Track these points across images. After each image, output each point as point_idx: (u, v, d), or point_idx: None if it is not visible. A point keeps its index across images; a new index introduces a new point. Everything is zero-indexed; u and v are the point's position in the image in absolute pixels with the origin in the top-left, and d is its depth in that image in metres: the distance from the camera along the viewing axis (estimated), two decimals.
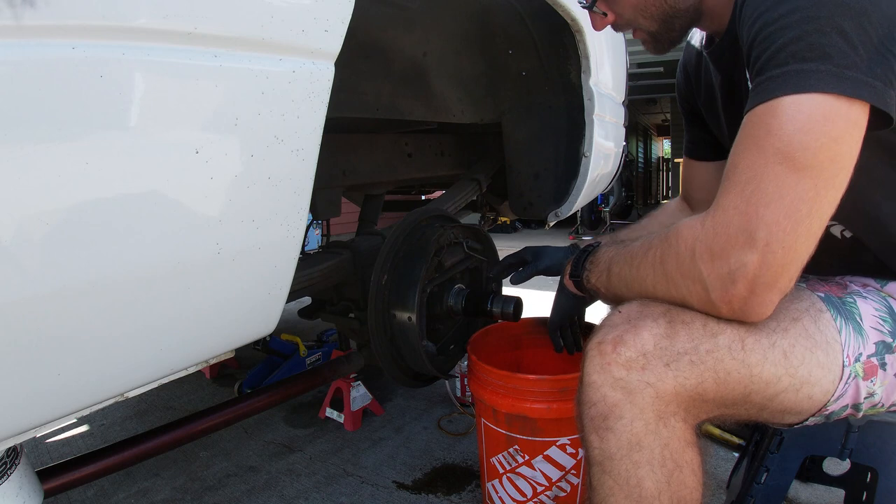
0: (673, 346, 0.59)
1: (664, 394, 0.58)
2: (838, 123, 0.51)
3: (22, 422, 0.47)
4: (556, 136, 1.51)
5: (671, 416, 0.59)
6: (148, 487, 1.38)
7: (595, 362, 0.61)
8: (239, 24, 0.51)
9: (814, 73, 0.50)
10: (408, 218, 1.19)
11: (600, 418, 0.60)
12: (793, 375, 0.60)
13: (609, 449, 0.59)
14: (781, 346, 0.60)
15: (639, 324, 0.61)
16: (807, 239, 0.53)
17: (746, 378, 0.59)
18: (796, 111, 0.51)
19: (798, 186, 0.51)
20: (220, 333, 0.62)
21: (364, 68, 1.11)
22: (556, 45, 1.39)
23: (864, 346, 0.63)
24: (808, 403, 0.62)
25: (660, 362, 0.59)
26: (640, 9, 0.76)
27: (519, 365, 1.31)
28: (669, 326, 0.60)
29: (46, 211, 0.41)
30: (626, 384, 0.59)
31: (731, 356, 0.59)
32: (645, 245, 0.67)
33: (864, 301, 0.67)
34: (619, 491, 0.59)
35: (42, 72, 0.39)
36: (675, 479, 0.59)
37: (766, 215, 0.52)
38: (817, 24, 0.51)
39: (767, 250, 0.52)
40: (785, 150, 0.51)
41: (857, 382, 0.63)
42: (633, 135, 12.35)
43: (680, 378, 0.58)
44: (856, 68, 0.50)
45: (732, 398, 0.60)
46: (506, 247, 6.18)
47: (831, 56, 0.50)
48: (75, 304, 0.45)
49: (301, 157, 0.60)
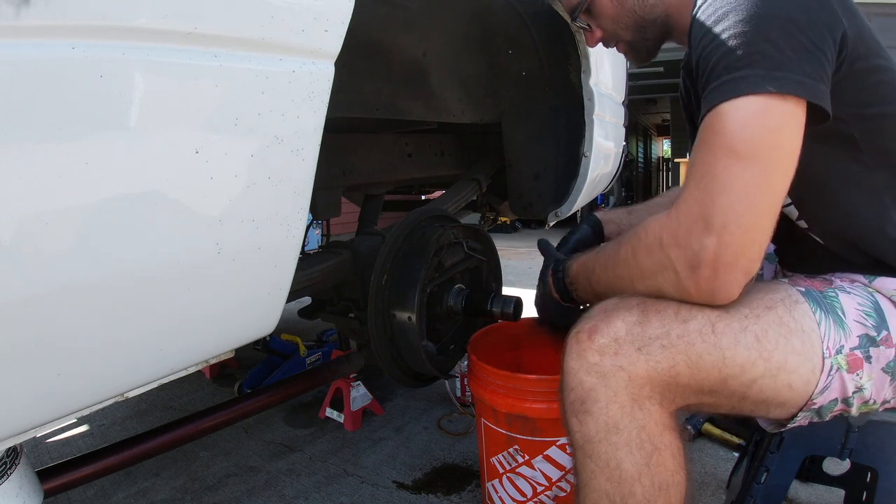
0: (644, 332, 0.63)
1: (637, 377, 0.61)
2: (774, 115, 0.57)
3: (22, 422, 0.47)
4: (556, 136, 1.51)
5: (646, 400, 0.62)
6: (148, 487, 1.38)
7: (572, 350, 0.65)
8: (239, 24, 0.51)
9: (745, 79, 0.57)
10: (408, 218, 1.19)
11: (578, 402, 0.63)
12: (767, 360, 0.62)
13: (588, 432, 0.62)
14: (753, 330, 0.63)
15: (613, 313, 0.65)
16: (761, 219, 0.58)
17: (719, 361, 0.62)
18: (735, 112, 0.58)
19: (745, 173, 0.57)
20: (220, 333, 0.62)
21: (364, 68, 1.11)
22: (556, 45, 1.39)
23: (846, 338, 0.64)
24: (789, 393, 0.63)
25: (631, 347, 0.62)
26: (616, 20, 0.87)
27: (519, 365, 1.31)
28: (642, 314, 0.64)
29: (46, 211, 0.41)
30: (600, 369, 0.62)
31: (701, 339, 0.62)
32: (615, 246, 0.72)
33: (848, 295, 0.68)
34: (600, 473, 0.61)
35: (42, 72, 0.39)
36: (654, 460, 0.61)
37: (720, 202, 0.57)
38: (745, 37, 0.59)
39: (725, 232, 0.57)
40: (729, 145, 0.57)
41: (841, 375, 0.63)
42: (632, 135, 12.35)
43: (651, 362, 0.61)
44: (784, 68, 0.57)
45: (709, 384, 0.63)
46: (506, 247, 6.14)
47: (759, 62, 0.57)
48: (75, 304, 0.45)
49: (301, 157, 0.60)
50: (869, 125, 0.67)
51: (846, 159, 0.69)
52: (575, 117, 1.45)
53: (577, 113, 1.44)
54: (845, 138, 0.68)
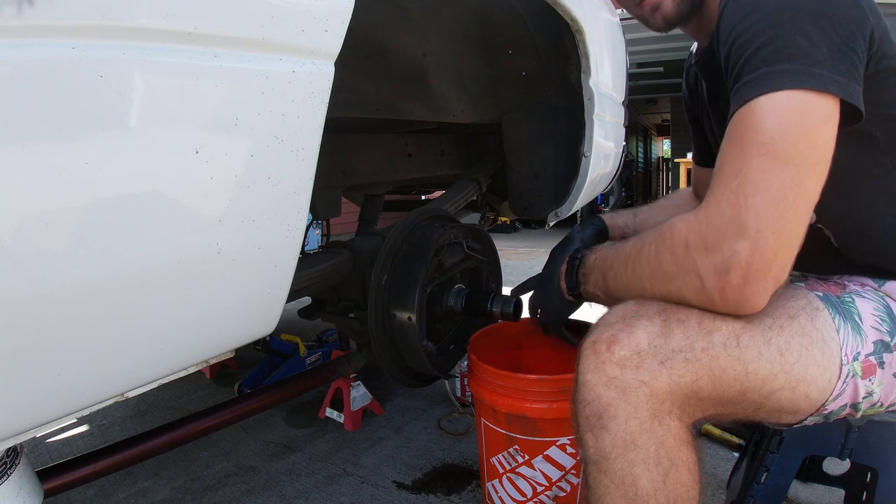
0: (668, 345, 0.59)
1: (659, 392, 0.58)
2: (813, 114, 0.54)
3: (22, 422, 0.47)
4: (556, 136, 1.51)
5: (666, 415, 0.59)
6: (148, 487, 1.38)
7: (589, 361, 0.61)
8: (239, 24, 0.51)
9: (785, 73, 0.55)
10: (408, 218, 1.19)
11: (595, 417, 0.60)
12: (788, 373, 0.60)
13: (604, 448, 0.59)
14: (777, 343, 0.60)
15: (633, 322, 0.62)
16: (795, 225, 0.55)
17: (742, 375, 0.59)
18: (773, 107, 0.55)
19: (783, 174, 0.54)
20: (220, 333, 0.62)
21: (364, 68, 1.11)
22: (556, 45, 1.38)
23: (863, 345, 0.63)
24: (805, 402, 0.62)
25: (654, 360, 0.59)
26: None
27: (519, 365, 1.31)
28: (664, 325, 0.61)
29: (46, 211, 0.41)
30: (620, 383, 0.59)
31: (726, 353, 0.59)
32: (638, 244, 0.67)
33: (863, 300, 0.67)
34: (614, 490, 0.59)
35: (42, 72, 0.39)
36: (671, 477, 0.59)
37: (755, 204, 0.54)
38: (782, 29, 0.56)
39: (758, 237, 0.54)
40: (767, 143, 0.54)
41: (854, 381, 0.63)
42: (633, 135, 12.35)
43: (675, 376, 0.58)
44: (821, 66, 0.55)
45: (728, 396, 0.61)
46: (506, 247, 6.13)
47: (797, 56, 0.55)
48: (75, 304, 0.45)
49: (301, 157, 0.60)
50: (891, 125, 0.66)
51: (866, 159, 0.68)
52: (575, 117, 1.45)
53: (577, 113, 1.44)
54: (866, 137, 0.66)
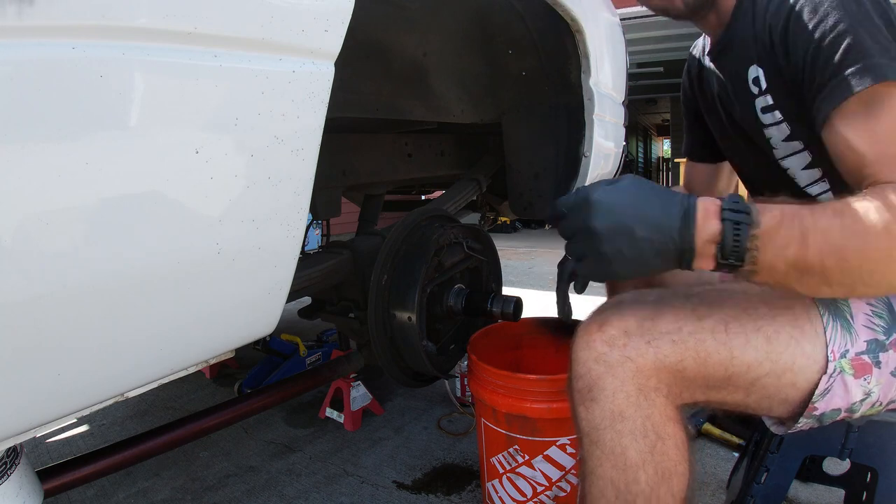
0: (656, 326, 0.63)
1: (644, 368, 0.62)
2: None
3: (22, 422, 0.47)
4: (556, 136, 1.51)
5: (652, 391, 0.62)
6: (148, 487, 1.38)
7: (581, 341, 0.66)
8: (239, 24, 0.51)
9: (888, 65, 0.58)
10: (408, 218, 1.19)
11: (586, 390, 0.64)
12: (775, 361, 0.62)
13: (594, 419, 0.63)
14: (766, 331, 0.62)
15: (625, 308, 0.66)
16: None
17: (727, 360, 0.62)
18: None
19: None
20: (220, 333, 0.62)
21: (364, 68, 1.11)
22: (556, 45, 1.38)
23: (852, 343, 0.63)
24: (793, 391, 0.64)
25: (641, 340, 0.63)
26: None
27: (519, 365, 1.31)
28: (655, 310, 0.65)
29: (46, 211, 0.41)
30: (607, 358, 0.63)
31: (713, 338, 0.62)
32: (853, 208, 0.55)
33: (857, 298, 0.66)
34: (605, 460, 0.62)
35: (42, 72, 0.39)
36: (658, 449, 0.61)
37: None
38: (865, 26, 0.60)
39: None
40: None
41: (844, 380, 0.63)
42: (633, 135, 12.35)
43: (660, 354, 0.62)
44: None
45: (714, 380, 0.63)
46: (506, 247, 6.11)
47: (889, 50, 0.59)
48: (75, 304, 0.45)
49: (301, 157, 0.60)
50: None
51: None
52: (575, 117, 1.45)
53: (577, 113, 1.44)
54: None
